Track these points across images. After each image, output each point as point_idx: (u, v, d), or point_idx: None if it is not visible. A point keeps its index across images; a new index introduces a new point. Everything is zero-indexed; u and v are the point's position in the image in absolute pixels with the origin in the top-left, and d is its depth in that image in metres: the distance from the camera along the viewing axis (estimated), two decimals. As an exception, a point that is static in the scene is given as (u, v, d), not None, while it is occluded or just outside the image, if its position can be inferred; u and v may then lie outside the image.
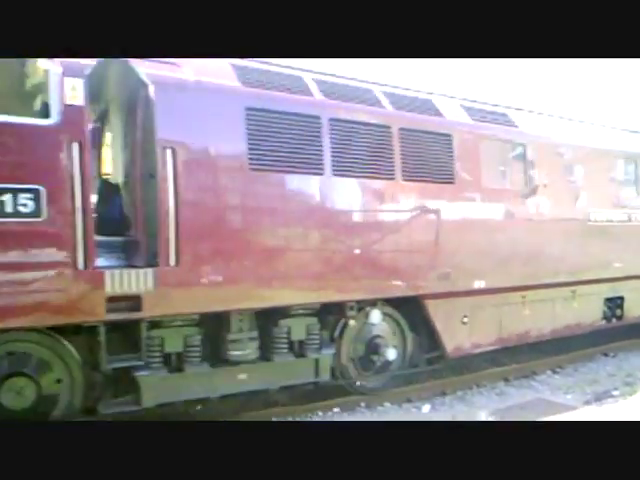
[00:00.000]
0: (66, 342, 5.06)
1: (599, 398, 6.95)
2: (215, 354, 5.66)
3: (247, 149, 5.50)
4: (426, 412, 6.59)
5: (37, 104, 4.79)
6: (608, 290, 8.70)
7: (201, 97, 5.32)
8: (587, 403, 6.79)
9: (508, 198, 7.48)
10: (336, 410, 6.44)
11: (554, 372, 8.34)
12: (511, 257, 7.38)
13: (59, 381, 5.07)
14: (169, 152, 5.06)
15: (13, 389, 4.82)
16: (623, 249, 8.69)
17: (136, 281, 4.91)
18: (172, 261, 5.08)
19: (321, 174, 5.95)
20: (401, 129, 6.49)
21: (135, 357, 5.14)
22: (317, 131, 5.94)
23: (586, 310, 8.51)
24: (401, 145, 6.47)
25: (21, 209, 4.44)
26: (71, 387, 5.14)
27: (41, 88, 4.75)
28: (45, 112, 4.68)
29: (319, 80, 6.37)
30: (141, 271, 4.96)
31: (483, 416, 6.08)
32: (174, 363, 5.41)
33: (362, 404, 6.65)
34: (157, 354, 5.33)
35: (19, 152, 4.51)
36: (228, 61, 5.82)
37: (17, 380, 4.84)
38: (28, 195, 4.46)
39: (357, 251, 6.15)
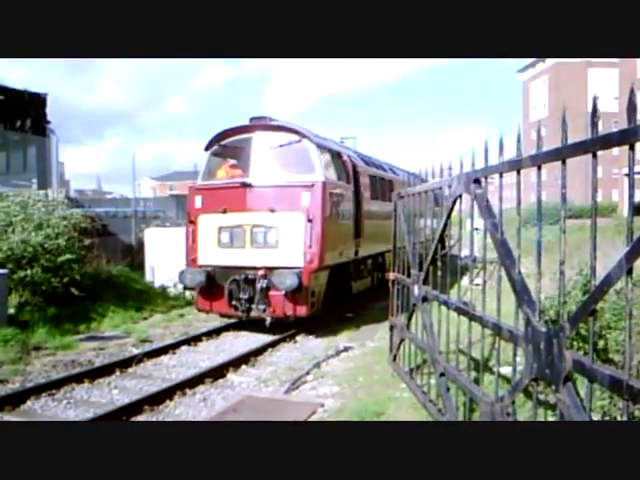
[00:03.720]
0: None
1: (297, 384, 7.22)
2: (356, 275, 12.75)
3: (370, 190, 13.45)
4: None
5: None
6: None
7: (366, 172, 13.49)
8: (288, 392, 6.94)
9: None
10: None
11: (247, 366, 8.46)
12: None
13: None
14: (362, 195, 12.59)
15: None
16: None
17: (358, 244, 12.14)
18: (361, 236, 12.20)
19: (385, 201, 13.34)
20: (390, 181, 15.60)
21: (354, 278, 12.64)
22: (385, 184, 15.10)
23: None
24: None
25: (346, 215, 11.43)
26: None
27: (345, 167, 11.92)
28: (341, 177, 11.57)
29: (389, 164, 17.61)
30: (359, 240, 12.10)
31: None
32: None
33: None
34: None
35: (344, 200, 11.23)
36: (355, 152, 14.23)
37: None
38: (349, 213, 11.61)
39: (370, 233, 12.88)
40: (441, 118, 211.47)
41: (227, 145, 11.19)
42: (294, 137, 10.55)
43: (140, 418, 6.35)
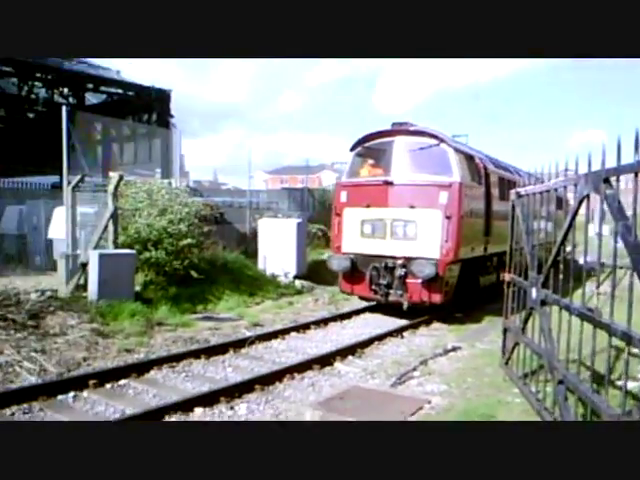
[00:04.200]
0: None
1: (403, 379, 7.14)
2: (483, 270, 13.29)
3: (499, 191, 13.60)
4: (244, 413, 6.19)
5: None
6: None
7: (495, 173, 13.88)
8: (394, 385, 6.89)
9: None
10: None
11: (353, 356, 8.58)
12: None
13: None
14: (492, 195, 13.12)
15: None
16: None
17: (487, 241, 12.70)
18: (490, 234, 12.64)
19: (504, 200, 12.13)
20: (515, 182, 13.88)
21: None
22: (511, 186, 12.38)
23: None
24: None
25: (478, 213, 12.29)
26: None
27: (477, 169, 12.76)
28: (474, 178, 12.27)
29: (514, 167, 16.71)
30: (488, 237, 12.70)
31: (309, 414, 5.61)
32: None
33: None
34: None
35: (477, 199, 12.23)
36: (484, 155, 13.93)
37: None
38: (481, 211, 12.57)
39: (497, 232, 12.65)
40: (561, 118, 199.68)
41: (370, 147, 12.40)
42: (433, 141, 11.42)
43: (251, 396, 6.68)
